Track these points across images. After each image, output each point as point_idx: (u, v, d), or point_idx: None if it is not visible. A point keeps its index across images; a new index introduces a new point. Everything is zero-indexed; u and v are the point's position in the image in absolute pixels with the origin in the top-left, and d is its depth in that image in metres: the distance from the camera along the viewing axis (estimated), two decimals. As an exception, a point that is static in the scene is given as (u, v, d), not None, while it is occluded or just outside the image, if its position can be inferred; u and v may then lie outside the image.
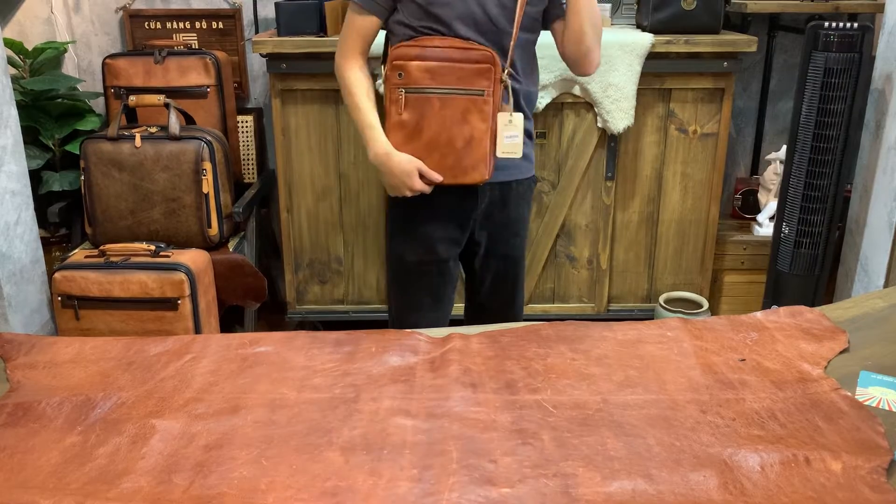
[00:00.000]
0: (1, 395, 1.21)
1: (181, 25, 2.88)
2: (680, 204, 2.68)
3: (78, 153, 2.50)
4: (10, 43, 2.68)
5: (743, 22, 2.81)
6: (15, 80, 2.55)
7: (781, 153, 2.70)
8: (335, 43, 2.43)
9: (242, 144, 2.89)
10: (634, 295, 2.79)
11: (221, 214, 2.51)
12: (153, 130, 2.46)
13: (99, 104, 2.88)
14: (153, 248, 2.35)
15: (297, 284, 2.74)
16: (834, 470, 0.99)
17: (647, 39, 2.44)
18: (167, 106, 2.46)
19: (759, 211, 2.87)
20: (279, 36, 2.46)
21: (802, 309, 1.45)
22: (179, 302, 2.30)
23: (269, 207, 3.05)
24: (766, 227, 2.81)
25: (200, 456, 1.03)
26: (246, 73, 2.95)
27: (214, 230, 2.49)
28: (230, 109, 2.73)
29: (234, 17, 2.88)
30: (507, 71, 1.69)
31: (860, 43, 2.26)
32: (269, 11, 2.84)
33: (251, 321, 2.72)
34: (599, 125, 2.54)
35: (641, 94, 2.51)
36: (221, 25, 2.89)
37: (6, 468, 1.02)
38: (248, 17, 2.89)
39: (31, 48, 2.76)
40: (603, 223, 2.66)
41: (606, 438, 1.06)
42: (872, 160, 2.51)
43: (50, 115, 2.70)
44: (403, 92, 1.66)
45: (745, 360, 1.28)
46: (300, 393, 1.19)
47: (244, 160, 2.91)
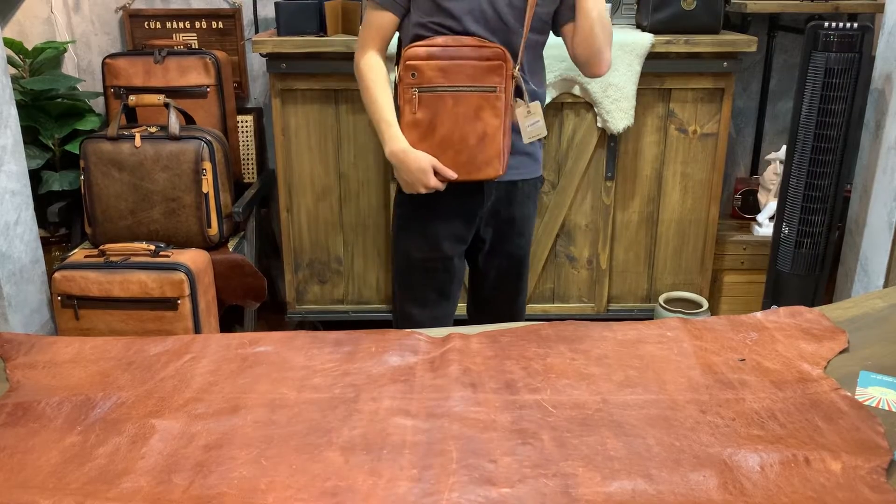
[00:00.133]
0: (1, 394, 1.21)
1: (181, 25, 2.88)
2: (680, 204, 2.68)
3: (78, 153, 2.50)
4: (9, 43, 2.68)
5: (743, 22, 2.81)
6: (15, 79, 2.55)
7: (781, 153, 2.70)
8: (335, 43, 2.46)
9: (242, 144, 2.89)
10: (634, 295, 2.79)
11: (221, 214, 2.51)
12: (153, 130, 2.46)
13: (99, 104, 2.88)
14: (153, 247, 2.35)
15: (296, 284, 2.73)
16: (834, 470, 0.99)
17: (647, 39, 2.44)
18: (167, 106, 2.46)
19: (758, 211, 2.87)
20: (279, 36, 2.46)
21: (802, 309, 1.45)
22: (179, 302, 2.30)
23: (268, 207, 3.05)
24: (765, 227, 2.81)
25: (200, 456, 1.04)
26: (246, 72, 2.95)
27: (214, 230, 2.49)
28: (230, 109, 2.73)
29: (233, 16, 2.88)
30: (517, 67, 1.71)
31: (860, 43, 2.26)
32: (269, 11, 2.83)
33: (251, 321, 2.72)
34: (599, 125, 2.54)
35: (641, 94, 2.51)
36: (221, 25, 2.89)
37: (6, 468, 1.02)
38: (248, 16, 2.89)
39: (30, 48, 2.76)
40: (603, 223, 2.66)
41: (606, 438, 1.06)
42: (872, 160, 2.51)
43: (50, 114, 2.70)
44: (417, 91, 1.68)
45: (744, 360, 1.28)
46: (300, 393, 1.19)
47: (244, 160, 2.91)
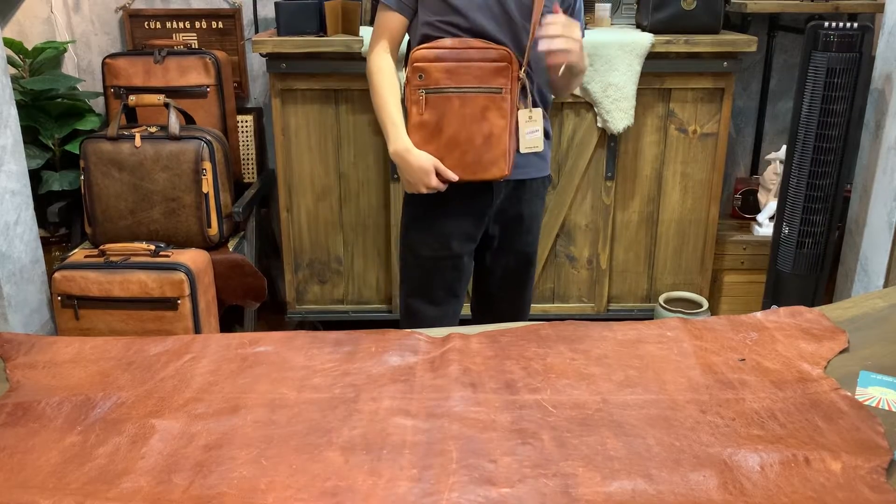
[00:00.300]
0: (1, 394, 1.21)
1: (181, 25, 2.88)
2: (680, 204, 2.68)
3: (78, 153, 2.50)
4: (9, 43, 2.68)
5: (743, 22, 2.81)
6: (15, 79, 2.55)
7: (781, 153, 2.70)
8: (335, 43, 2.46)
9: (242, 144, 2.89)
10: (634, 295, 2.79)
11: (221, 214, 2.51)
12: (153, 130, 2.46)
13: (99, 104, 2.88)
14: (153, 247, 2.35)
15: (296, 284, 2.73)
16: (834, 470, 0.99)
17: (646, 39, 2.44)
18: (167, 106, 2.46)
19: (758, 211, 2.87)
20: (279, 36, 2.46)
21: (802, 309, 1.45)
22: (179, 302, 2.30)
23: (268, 207, 3.05)
24: (765, 226, 2.81)
25: (200, 456, 1.03)
26: (246, 72, 2.95)
27: (214, 230, 2.49)
28: (230, 109, 2.73)
29: (233, 16, 2.88)
30: (523, 69, 1.72)
31: (860, 43, 2.26)
32: (269, 11, 2.83)
33: (251, 321, 2.72)
34: (599, 125, 2.54)
35: (641, 93, 2.51)
36: (221, 25, 2.89)
37: (6, 468, 1.02)
38: (247, 16, 2.90)
39: (30, 48, 2.76)
40: (603, 223, 2.66)
41: (606, 438, 1.06)
42: (872, 160, 2.51)
43: (50, 114, 2.70)
44: (424, 92, 1.70)
45: (744, 360, 1.28)
46: (300, 393, 1.19)
47: (244, 160, 2.91)
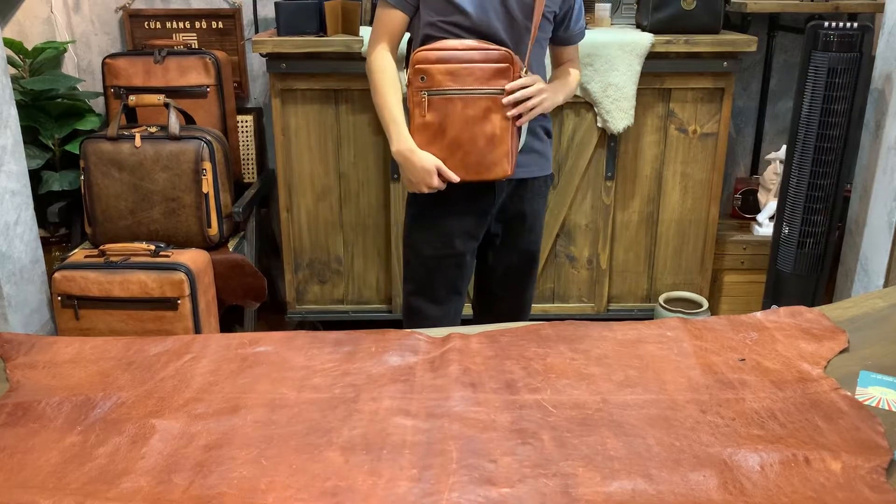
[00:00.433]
0: (1, 394, 1.21)
1: (181, 25, 2.88)
2: (680, 204, 2.68)
3: (78, 153, 2.50)
4: (9, 43, 2.68)
5: (743, 22, 2.81)
6: (15, 79, 2.55)
7: (781, 153, 2.70)
8: (335, 43, 2.46)
9: (242, 144, 2.89)
10: (634, 295, 2.79)
11: (221, 214, 2.51)
12: (153, 130, 2.46)
13: (99, 104, 2.88)
14: (153, 247, 2.35)
15: (296, 284, 2.73)
16: (834, 470, 0.99)
17: (646, 39, 2.44)
18: (167, 106, 2.46)
19: (758, 211, 2.87)
20: (279, 36, 2.46)
21: (802, 309, 1.45)
22: (179, 302, 2.30)
23: (269, 207, 3.05)
24: (765, 226, 2.81)
25: (200, 456, 1.03)
26: (246, 72, 2.95)
27: (214, 230, 2.49)
28: (230, 109, 2.73)
29: (233, 16, 2.88)
30: (524, 70, 1.73)
31: (860, 43, 2.26)
32: (268, 11, 2.83)
33: (251, 321, 2.72)
34: (599, 125, 2.54)
35: (641, 93, 2.51)
36: (221, 25, 2.89)
37: (6, 468, 1.02)
38: (247, 16, 2.89)
39: (30, 48, 2.76)
40: (603, 223, 2.66)
41: (606, 438, 1.06)
42: (872, 160, 2.51)
43: (50, 114, 2.70)
44: (426, 94, 1.70)
45: (744, 359, 1.28)
46: (300, 393, 1.19)
47: (244, 160, 2.91)
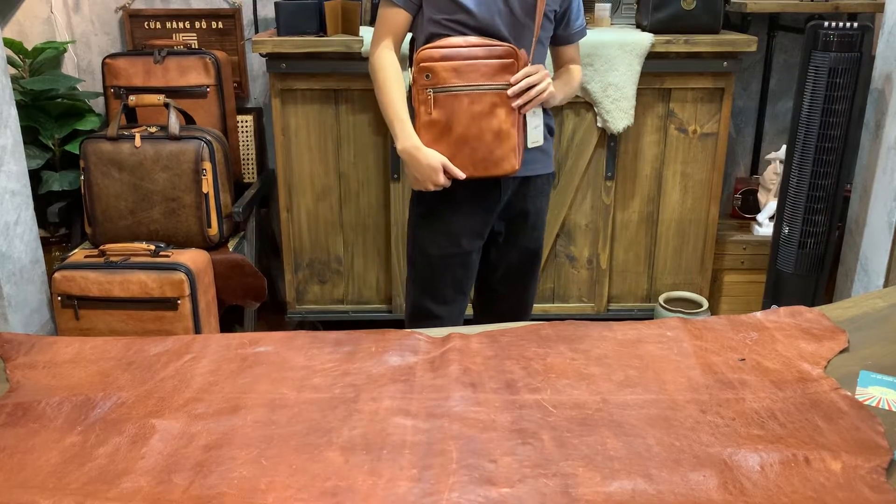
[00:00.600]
0: (1, 395, 1.21)
1: (181, 25, 2.88)
2: (680, 204, 2.68)
3: (78, 153, 2.50)
4: (9, 43, 2.68)
5: (743, 22, 2.80)
6: (15, 79, 2.55)
7: (781, 153, 2.70)
8: (335, 43, 2.46)
9: (242, 144, 2.89)
10: (634, 295, 2.79)
11: (221, 214, 2.51)
12: (153, 130, 2.46)
13: (99, 104, 2.88)
14: (153, 247, 2.35)
15: (296, 284, 2.73)
16: (834, 470, 0.99)
17: (646, 39, 2.44)
18: (167, 106, 2.46)
19: (758, 211, 2.87)
20: (279, 36, 2.46)
21: (802, 309, 1.45)
22: (179, 302, 2.30)
23: (268, 207, 3.05)
24: (765, 226, 2.81)
25: (200, 456, 1.03)
26: (246, 72, 2.95)
27: (214, 230, 2.49)
28: (230, 109, 2.73)
29: (233, 16, 2.87)
30: (528, 65, 1.73)
31: (860, 43, 2.26)
32: (268, 11, 2.83)
33: (251, 321, 2.72)
34: (599, 125, 2.54)
35: (641, 93, 2.51)
36: (221, 25, 2.89)
37: (6, 468, 1.02)
38: (247, 16, 2.89)
39: (30, 48, 2.75)
40: (603, 223, 2.66)
41: (606, 438, 1.06)
42: (872, 160, 2.51)
43: (50, 114, 2.70)
44: (432, 92, 1.70)
45: (744, 359, 1.28)
46: (300, 393, 1.19)
47: (244, 160, 2.91)
